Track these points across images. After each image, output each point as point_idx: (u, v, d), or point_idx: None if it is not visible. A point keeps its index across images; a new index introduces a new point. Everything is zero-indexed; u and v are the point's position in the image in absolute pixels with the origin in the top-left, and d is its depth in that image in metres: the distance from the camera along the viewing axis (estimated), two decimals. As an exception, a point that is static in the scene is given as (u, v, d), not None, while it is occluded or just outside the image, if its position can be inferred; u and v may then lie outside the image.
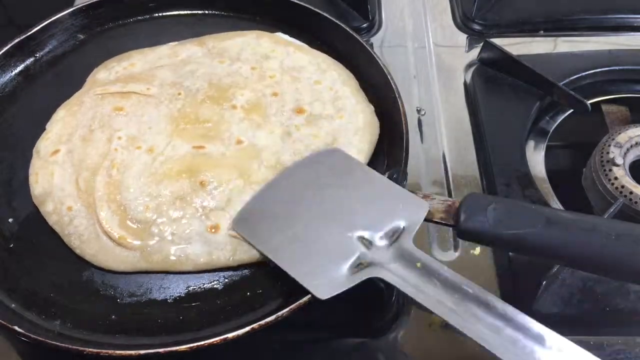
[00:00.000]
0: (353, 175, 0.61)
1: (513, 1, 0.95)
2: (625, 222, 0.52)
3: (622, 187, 0.68)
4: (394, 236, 0.54)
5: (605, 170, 0.70)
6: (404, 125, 0.65)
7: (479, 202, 0.55)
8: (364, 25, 0.93)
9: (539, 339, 0.45)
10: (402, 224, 0.55)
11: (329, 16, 0.78)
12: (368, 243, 0.54)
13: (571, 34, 0.91)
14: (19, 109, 0.73)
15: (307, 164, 0.63)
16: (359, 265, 0.53)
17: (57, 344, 0.53)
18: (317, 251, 0.55)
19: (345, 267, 0.53)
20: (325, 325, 0.64)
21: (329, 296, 0.52)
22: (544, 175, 0.75)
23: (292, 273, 0.54)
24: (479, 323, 0.47)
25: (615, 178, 0.69)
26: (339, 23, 0.77)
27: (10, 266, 0.61)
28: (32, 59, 0.77)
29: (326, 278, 0.53)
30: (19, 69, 0.76)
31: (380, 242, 0.54)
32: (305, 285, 0.53)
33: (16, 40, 0.75)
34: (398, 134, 0.65)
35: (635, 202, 0.67)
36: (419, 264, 0.51)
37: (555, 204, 0.72)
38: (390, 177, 0.62)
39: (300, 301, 0.53)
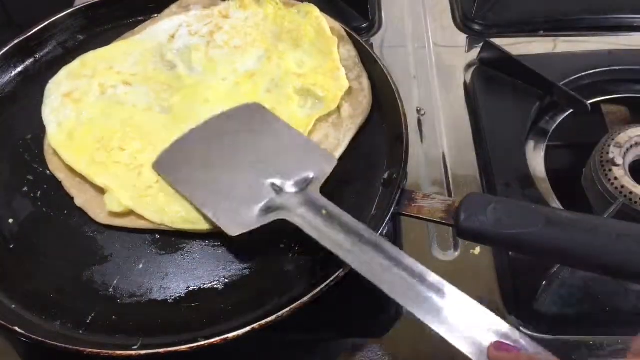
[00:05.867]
0: (270, 128, 0.66)
1: (513, 1, 0.95)
2: (625, 222, 0.52)
3: (622, 187, 0.68)
4: (304, 185, 0.59)
5: (605, 170, 0.70)
6: (403, 126, 0.65)
7: (479, 202, 0.55)
8: (364, 25, 0.93)
9: (433, 287, 0.50)
10: (311, 174, 0.60)
11: (328, 16, 0.78)
12: (279, 189, 0.60)
13: (571, 34, 0.91)
14: (18, 110, 0.73)
15: (227, 117, 0.68)
16: (269, 209, 0.58)
17: (58, 344, 0.53)
18: (232, 194, 0.60)
19: (257, 209, 0.58)
20: (325, 325, 0.64)
21: (238, 233, 0.57)
22: (544, 175, 0.75)
23: (208, 213, 0.59)
24: (372, 263, 0.51)
25: (615, 178, 0.69)
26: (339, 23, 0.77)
27: (11, 267, 0.61)
28: (31, 60, 0.77)
29: (238, 219, 0.58)
30: (18, 69, 0.76)
31: (290, 189, 0.59)
32: (218, 223, 0.58)
33: (16, 41, 0.75)
34: (398, 134, 0.65)
35: (635, 202, 0.67)
36: (324, 211, 0.56)
37: (555, 204, 0.72)
38: (390, 177, 0.63)
39: (301, 301, 0.53)
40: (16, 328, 0.54)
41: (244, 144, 0.65)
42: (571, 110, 0.81)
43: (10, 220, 0.64)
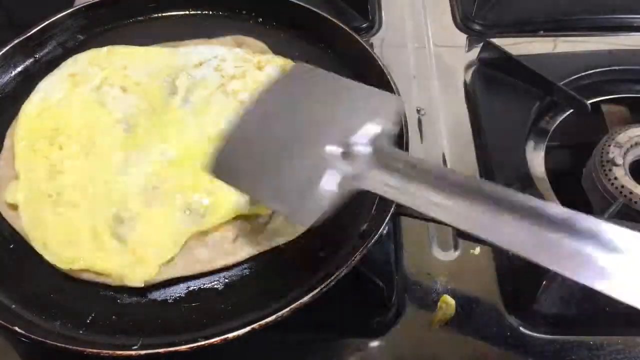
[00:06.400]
0: (321, 87, 0.57)
1: (513, 1, 0.95)
2: (625, 222, 0.52)
3: (622, 187, 0.68)
4: (372, 141, 0.49)
5: (605, 170, 0.70)
6: (403, 126, 0.65)
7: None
8: (364, 25, 0.93)
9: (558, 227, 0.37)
10: (378, 127, 0.50)
11: (328, 16, 0.78)
12: (347, 155, 0.49)
13: (571, 34, 0.91)
14: (18, 110, 0.73)
15: (273, 88, 0.58)
16: (342, 183, 0.49)
17: (58, 344, 0.53)
18: (298, 178, 0.51)
19: (328, 187, 0.49)
20: (325, 325, 0.64)
21: (313, 221, 0.49)
22: (544, 175, 0.75)
23: (276, 208, 0.53)
24: (475, 214, 0.42)
25: (615, 178, 0.69)
26: (339, 23, 0.77)
27: (11, 266, 0.61)
28: (31, 60, 0.77)
29: (311, 204, 0.49)
30: (18, 69, 0.76)
31: (358, 151, 0.49)
32: (290, 218, 0.52)
33: (16, 41, 0.75)
34: (398, 135, 0.65)
35: (635, 202, 0.67)
36: (400, 164, 0.47)
37: (555, 204, 0.72)
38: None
39: (301, 301, 0.53)
40: (16, 328, 0.54)
41: (298, 115, 0.54)
42: (571, 110, 0.81)
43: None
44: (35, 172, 0.65)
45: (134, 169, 0.64)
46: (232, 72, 0.74)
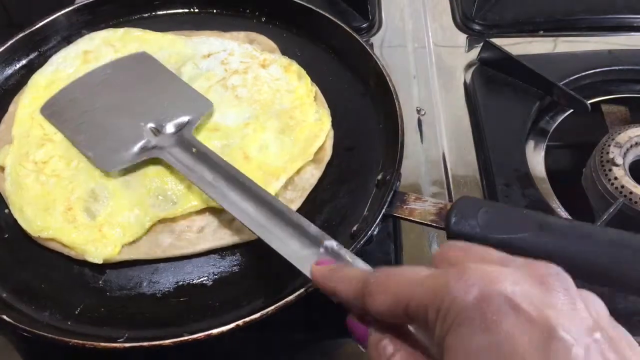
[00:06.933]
0: (154, 76, 0.72)
1: (513, 1, 0.95)
2: (619, 230, 0.51)
3: (622, 187, 0.68)
4: (180, 127, 0.65)
5: (605, 170, 0.70)
6: (400, 128, 0.65)
7: (470, 206, 0.54)
8: (364, 25, 0.93)
9: (279, 215, 0.53)
10: (187, 117, 0.66)
11: (328, 15, 0.78)
12: (157, 132, 0.65)
13: (571, 34, 0.91)
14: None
15: (114, 65, 0.73)
16: (145, 149, 0.64)
17: (43, 334, 0.53)
18: (112, 136, 0.66)
19: (134, 149, 0.64)
20: (325, 325, 0.64)
21: (113, 169, 0.63)
22: (544, 175, 0.75)
23: (87, 153, 0.64)
24: (230, 196, 0.57)
25: (615, 178, 0.69)
26: (339, 23, 0.77)
27: (4, 256, 0.61)
28: (36, 53, 0.78)
29: (115, 157, 0.64)
30: (22, 62, 0.77)
31: (166, 131, 0.65)
32: (96, 162, 0.64)
33: (21, 35, 0.76)
34: (394, 136, 0.65)
35: (635, 202, 0.67)
36: (194, 150, 0.61)
37: (555, 204, 0.72)
38: (383, 178, 0.63)
39: (286, 300, 0.53)
40: (4, 317, 0.54)
41: (127, 91, 0.70)
42: (571, 110, 0.81)
43: (7, 210, 0.64)
44: (28, 138, 0.67)
45: None
46: (236, 67, 0.74)
